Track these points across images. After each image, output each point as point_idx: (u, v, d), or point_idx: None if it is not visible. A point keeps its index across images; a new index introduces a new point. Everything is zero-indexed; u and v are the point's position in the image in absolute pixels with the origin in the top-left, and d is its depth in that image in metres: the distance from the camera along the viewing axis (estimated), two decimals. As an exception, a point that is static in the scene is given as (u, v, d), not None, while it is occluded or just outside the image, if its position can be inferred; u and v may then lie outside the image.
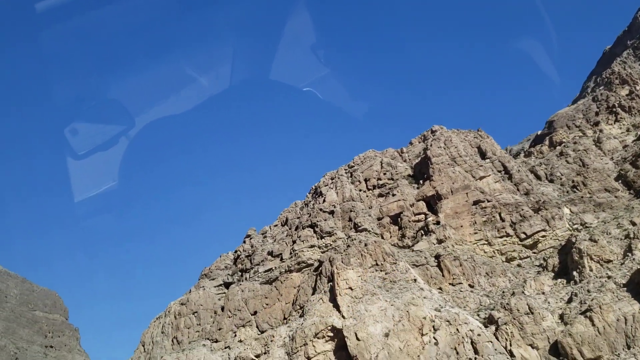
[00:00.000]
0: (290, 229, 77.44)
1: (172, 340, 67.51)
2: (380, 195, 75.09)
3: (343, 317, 55.07)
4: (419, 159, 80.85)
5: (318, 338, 54.71)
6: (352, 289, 56.76)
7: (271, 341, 57.09)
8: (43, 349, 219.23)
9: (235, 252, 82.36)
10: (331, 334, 54.47)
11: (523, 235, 64.48)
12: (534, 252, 63.91)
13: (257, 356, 56.37)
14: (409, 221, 70.33)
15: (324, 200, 73.95)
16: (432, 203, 72.02)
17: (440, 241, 65.70)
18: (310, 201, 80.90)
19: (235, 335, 65.02)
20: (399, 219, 71.32)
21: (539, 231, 64.11)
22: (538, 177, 75.46)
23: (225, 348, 64.25)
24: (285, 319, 64.50)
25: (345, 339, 52.59)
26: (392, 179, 76.70)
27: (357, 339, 52.00)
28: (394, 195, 72.73)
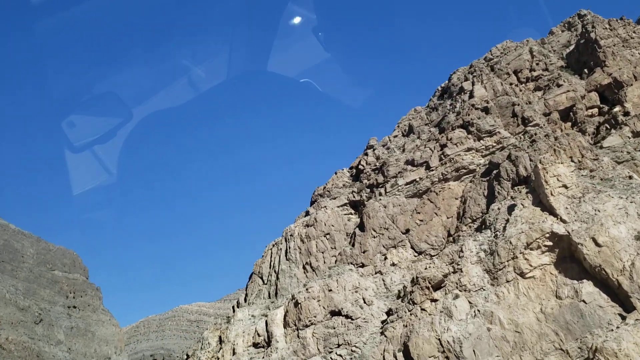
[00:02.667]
0: (418, 136, 64.54)
1: (305, 267, 55.55)
2: (536, 88, 62.01)
3: (563, 220, 42.79)
4: (572, 47, 67.45)
5: (531, 249, 42.65)
6: (566, 187, 44.38)
7: (461, 257, 44.89)
8: (66, 309, 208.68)
9: (353, 167, 69.67)
10: (549, 243, 42.43)
11: None
12: None
13: (445, 276, 44.32)
14: (584, 115, 57.51)
15: (471, 97, 60.79)
16: (608, 93, 59.07)
17: (636, 134, 53.09)
18: (440, 103, 67.70)
19: (386, 258, 52.98)
20: (571, 113, 58.46)
21: None
22: None
23: (376, 273, 52.26)
24: (450, 235, 52.36)
25: (579, 246, 40.43)
26: (547, 70, 63.49)
27: (597, 244, 39.91)
28: (559, 86, 59.64)
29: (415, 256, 53.45)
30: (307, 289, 50.02)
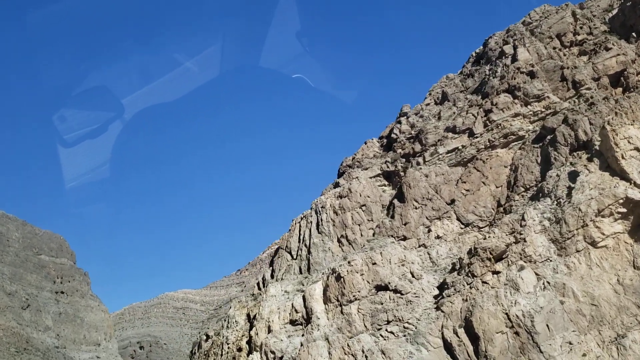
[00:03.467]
0: (454, 104, 60.81)
1: (340, 241, 51.77)
2: (581, 53, 58.51)
3: (637, 185, 39.55)
4: (615, 10, 64.01)
5: (603, 216, 39.41)
6: (639, 150, 40.95)
7: (523, 225, 41.42)
8: (54, 294, 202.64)
9: (383, 137, 65.82)
10: (623, 210, 39.25)
11: None
12: None
13: (507, 246, 40.84)
14: (636, 80, 54.21)
15: (514, 60, 57.11)
16: (659, 58, 55.76)
17: (696, 100, 49.90)
18: (476, 69, 63.94)
19: (430, 231, 49.39)
20: (622, 77, 55.14)
21: None
22: None
23: (420, 247, 48.67)
24: (501, 205, 48.90)
25: (659, 212, 37.18)
26: (592, 34, 60.01)
27: (681, 211, 36.66)
28: (607, 49, 56.22)
29: (461, 228, 49.97)
30: (349, 262, 46.26)
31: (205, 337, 60.83)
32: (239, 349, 48.62)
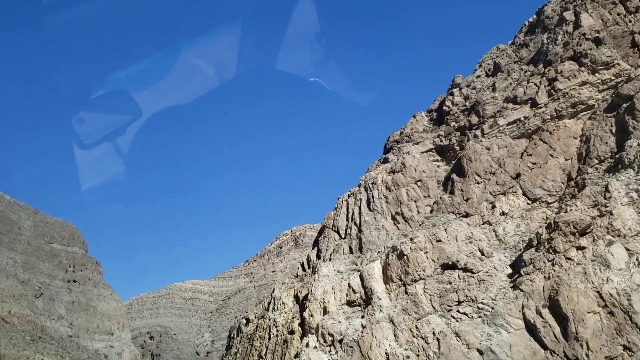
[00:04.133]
0: (508, 74, 57.17)
1: (394, 218, 48.50)
2: (648, 19, 54.59)
3: None
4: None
5: (700, 186, 35.72)
6: None
7: (607, 198, 37.97)
8: (66, 283, 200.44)
9: (432, 111, 62.31)
10: None
11: None
12: None
13: (594, 218, 37.43)
14: None
15: (577, 27, 53.35)
16: None
17: None
18: (531, 39, 60.16)
19: (494, 207, 45.97)
20: (696, 45, 51.31)
21: None
22: None
23: (484, 224, 45.30)
24: (572, 179, 45.42)
25: None
26: (657, 0, 56.05)
27: None
28: (679, 15, 52.37)
29: (528, 204, 46.57)
30: (411, 240, 42.98)
31: (245, 321, 57.90)
32: (291, 332, 45.57)
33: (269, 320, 49.74)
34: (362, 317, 42.14)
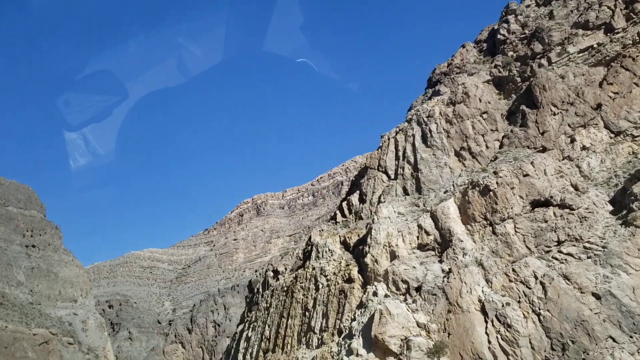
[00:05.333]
0: (565, 1, 51.62)
1: (459, 154, 42.84)
2: None
3: None
4: None
5: None
6: None
7: None
8: (24, 248, 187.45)
9: (481, 41, 56.25)
10: None
11: None
12: None
13: None
14: None
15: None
16: None
17: None
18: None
19: (573, 141, 40.82)
20: None
21: None
22: None
23: (564, 159, 40.13)
24: (662, 110, 40.59)
25: None
26: None
27: None
28: None
29: (611, 137, 41.60)
30: (495, 174, 37.30)
31: (273, 274, 51.49)
32: (348, 280, 39.53)
33: (314, 269, 43.52)
34: (440, 261, 36.48)
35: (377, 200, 46.39)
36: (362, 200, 48.29)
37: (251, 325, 49.42)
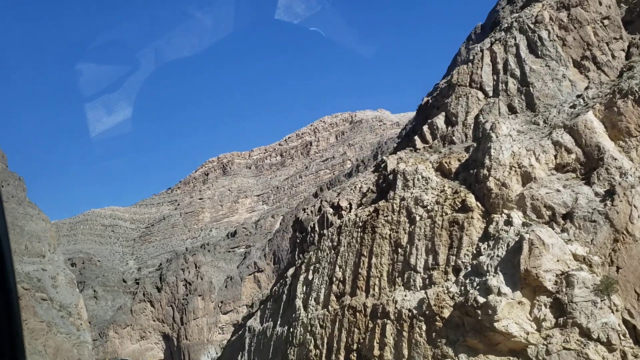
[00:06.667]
0: None
1: (579, 65, 36.07)
2: None
3: None
4: None
5: None
6: None
7: None
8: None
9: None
10: None
11: None
12: None
13: None
14: None
15: None
16: None
17: None
18: None
19: None
20: None
21: None
22: None
23: None
24: None
25: None
26: None
27: None
28: None
29: None
30: (651, 79, 30.67)
31: (332, 210, 44.26)
32: (461, 209, 32.70)
33: (403, 200, 36.42)
34: (587, 183, 29.94)
35: (474, 121, 39.35)
36: (449, 122, 41.17)
37: (310, 268, 42.33)
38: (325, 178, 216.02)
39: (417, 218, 34.96)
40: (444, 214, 33.60)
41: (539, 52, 38.53)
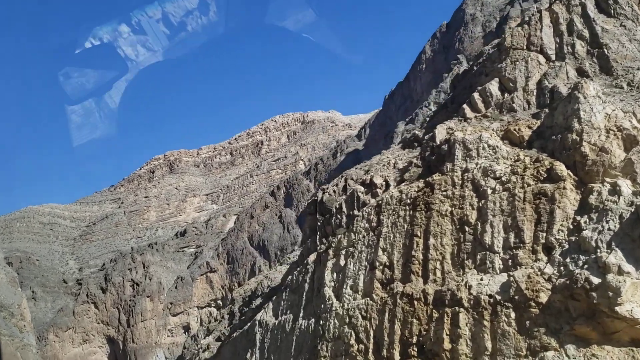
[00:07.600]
0: None
1: None
2: None
3: None
4: None
5: None
6: None
7: None
8: None
9: None
10: None
11: None
12: None
13: None
14: None
15: None
16: None
17: None
18: None
19: None
20: None
21: None
22: None
23: None
24: None
25: None
26: None
27: None
28: None
29: None
30: None
31: (364, 188, 39.08)
32: (547, 179, 28.37)
33: (466, 172, 31.73)
34: (701, 150, 26.18)
35: (536, 86, 35.17)
36: (504, 89, 36.84)
37: (340, 253, 37.01)
38: (277, 178, 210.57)
39: (489, 191, 30.25)
40: (525, 186, 29.03)
41: (612, 12, 34.90)
